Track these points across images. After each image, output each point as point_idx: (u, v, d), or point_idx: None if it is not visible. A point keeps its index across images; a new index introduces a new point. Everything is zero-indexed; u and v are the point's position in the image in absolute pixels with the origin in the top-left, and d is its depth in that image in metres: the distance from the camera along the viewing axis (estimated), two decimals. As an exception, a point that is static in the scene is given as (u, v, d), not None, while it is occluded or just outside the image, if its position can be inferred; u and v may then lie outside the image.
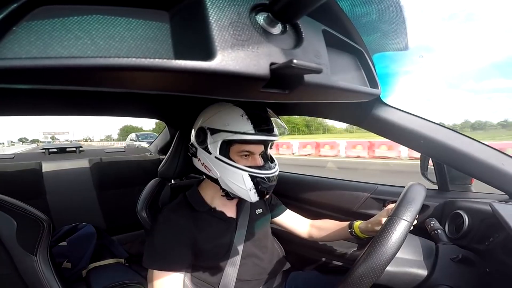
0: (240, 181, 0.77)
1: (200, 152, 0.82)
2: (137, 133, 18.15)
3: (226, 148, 0.78)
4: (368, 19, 0.67)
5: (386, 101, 0.87)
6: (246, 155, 0.80)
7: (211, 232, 0.85)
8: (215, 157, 0.78)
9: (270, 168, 0.82)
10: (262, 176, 0.79)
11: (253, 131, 0.75)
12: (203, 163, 0.83)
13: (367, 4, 0.64)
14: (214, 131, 0.78)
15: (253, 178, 0.77)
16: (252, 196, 0.79)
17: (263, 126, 0.77)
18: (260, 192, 0.79)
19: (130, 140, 16.16)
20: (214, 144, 0.78)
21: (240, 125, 0.75)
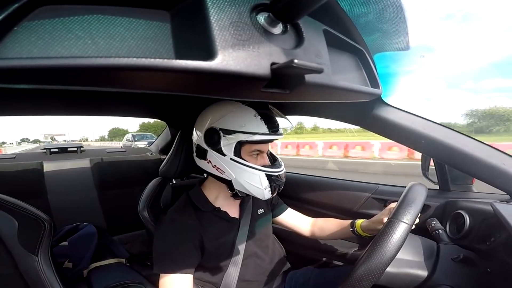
0: (256, 181, 0.78)
1: (211, 154, 0.81)
2: (133, 133, 18.60)
3: (238, 149, 0.79)
4: (367, 19, 0.67)
5: (387, 101, 0.87)
6: (256, 154, 0.82)
7: (215, 232, 0.85)
8: (230, 159, 0.78)
9: (279, 166, 0.84)
10: (277, 174, 0.81)
11: (267, 132, 0.76)
12: (215, 165, 0.81)
13: (365, 4, 0.64)
14: (228, 132, 0.77)
15: (269, 177, 0.79)
16: (266, 194, 0.80)
17: (273, 125, 0.79)
18: (273, 190, 0.81)
19: (127, 140, 16.52)
20: (229, 145, 0.78)
21: (256, 126, 0.76)
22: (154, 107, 1.46)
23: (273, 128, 0.78)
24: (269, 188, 0.80)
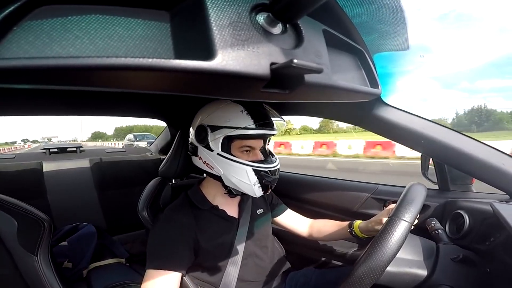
0: (244, 176, 0.78)
1: (201, 150, 0.83)
2: (134, 133, 18.73)
3: (227, 145, 0.79)
4: (364, 19, 0.67)
5: (386, 101, 0.87)
6: (247, 151, 0.81)
7: (213, 231, 0.85)
8: (217, 154, 0.79)
9: (272, 162, 0.83)
10: (266, 169, 0.79)
11: (253, 126, 0.76)
12: (205, 161, 0.83)
13: (362, 5, 0.65)
14: (215, 128, 0.78)
15: (257, 172, 0.78)
16: (256, 191, 0.80)
17: (263, 120, 0.79)
18: (264, 186, 0.80)
19: (128, 140, 16.47)
20: (216, 141, 0.78)
21: (241, 121, 0.76)
22: (153, 107, 1.46)
23: (261, 123, 0.78)
24: (259, 185, 0.79)
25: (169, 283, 0.73)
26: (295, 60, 0.36)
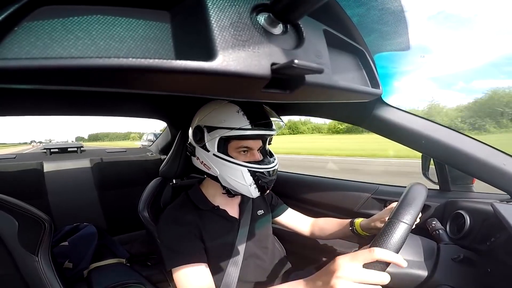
0: (239, 177, 0.78)
1: (199, 150, 0.83)
2: (154, 132, 17.32)
3: (224, 145, 0.79)
4: (361, 20, 0.67)
5: (387, 101, 0.87)
6: (244, 151, 0.81)
7: (215, 231, 0.85)
8: (213, 155, 0.79)
9: (269, 163, 0.82)
10: (262, 170, 0.79)
11: (249, 126, 0.75)
12: (202, 162, 0.83)
13: (359, 5, 0.65)
14: (211, 129, 0.78)
15: (252, 173, 0.78)
16: (252, 191, 0.79)
17: (259, 121, 0.78)
18: (260, 187, 0.80)
19: (148, 141, 14.75)
20: (212, 141, 0.78)
21: (236, 121, 0.75)
22: (154, 107, 1.46)
23: (258, 123, 0.77)
24: (255, 186, 0.79)
25: (202, 274, 0.74)
26: (295, 61, 0.36)
